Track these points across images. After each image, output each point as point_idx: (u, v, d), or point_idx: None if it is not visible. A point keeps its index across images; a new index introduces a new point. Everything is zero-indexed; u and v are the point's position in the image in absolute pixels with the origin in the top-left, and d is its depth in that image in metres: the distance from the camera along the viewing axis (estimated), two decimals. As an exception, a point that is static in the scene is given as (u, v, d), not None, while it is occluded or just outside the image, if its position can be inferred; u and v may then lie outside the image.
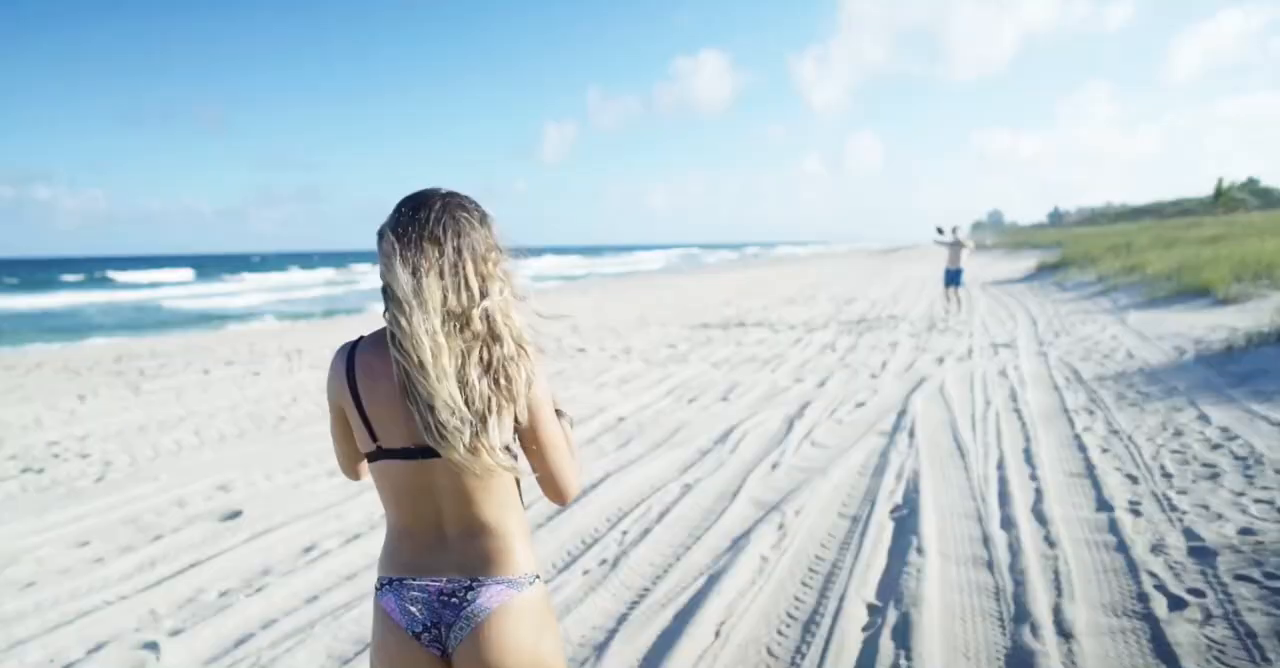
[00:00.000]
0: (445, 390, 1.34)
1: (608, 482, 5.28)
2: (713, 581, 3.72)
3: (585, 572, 3.92)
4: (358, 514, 4.92)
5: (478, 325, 1.40)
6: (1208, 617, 3.13)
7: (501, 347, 1.41)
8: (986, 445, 5.75)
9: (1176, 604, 3.25)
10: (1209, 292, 12.70)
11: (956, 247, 14.65)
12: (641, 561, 4.05)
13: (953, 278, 14.53)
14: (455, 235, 1.40)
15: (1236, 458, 5.00)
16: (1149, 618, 3.15)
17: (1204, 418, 5.99)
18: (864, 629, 3.23)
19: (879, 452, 5.79)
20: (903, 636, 3.12)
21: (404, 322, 1.34)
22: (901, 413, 6.93)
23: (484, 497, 1.45)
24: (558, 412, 1.65)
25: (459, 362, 1.38)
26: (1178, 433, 5.69)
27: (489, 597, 1.44)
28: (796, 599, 3.55)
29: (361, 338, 1.50)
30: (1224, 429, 5.64)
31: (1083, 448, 5.54)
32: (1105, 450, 5.44)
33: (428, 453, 1.40)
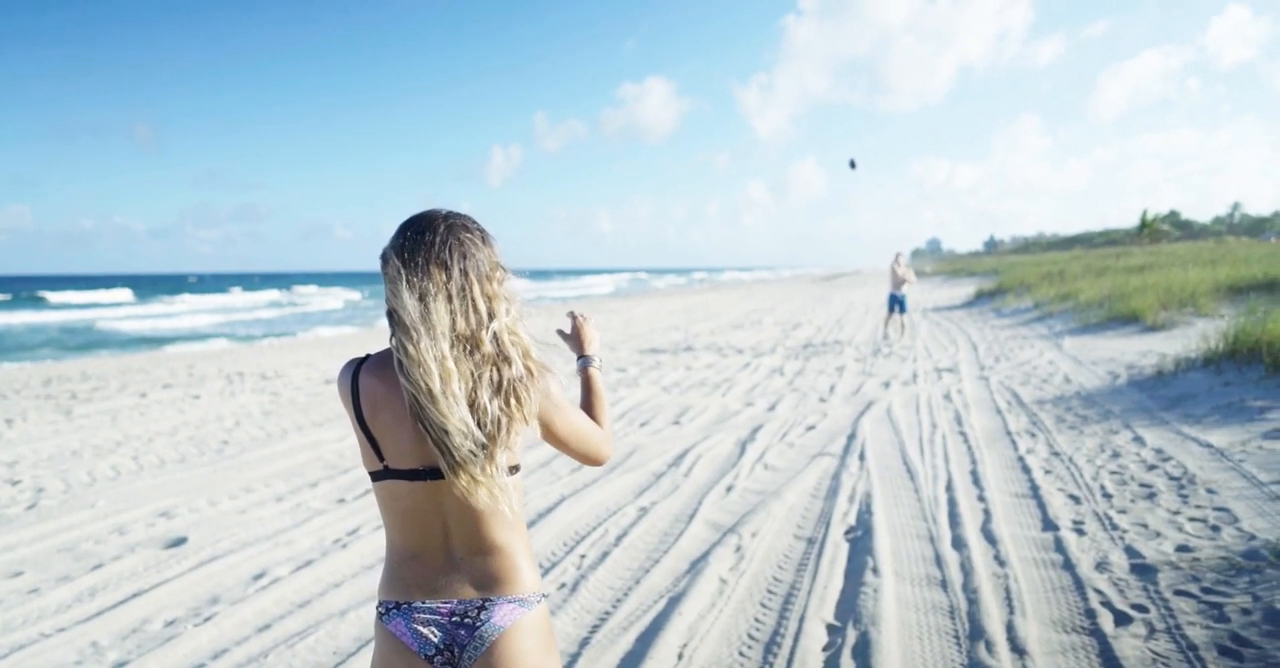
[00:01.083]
0: (457, 417, 1.35)
1: (563, 506, 5.25)
2: (673, 603, 3.73)
3: (544, 596, 3.88)
4: (308, 540, 4.81)
5: (487, 348, 1.41)
6: (1152, 631, 3.25)
7: (511, 367, 1.42)
8: (935, 468, 5.89)
9: (1122, 620, 3.36)
10: (1138, 319, 13.21)
11: (896, 274, 15.01)
12: (600, 584, 4.04)
13: (895, 303, 14.88)
14: (461, 257, 1.41)
15: (1171, 478, 5.20)
16: (1097, 634, 3.25)
17: (1139, 440, 6.22)
18: (824, 649, 3.27)
19: (831, 474, 5.88)
20: (863, 655, 3.17)
21: (411, 348, 1.34)
22: (851, 436, 7.05)
23: (491, 516, 1.46)
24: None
25: (470, 385, 1.39)
26: (1115, 454, 5.90)
27: (502, 616, 1.46)
28: (757, 621, 3.58)
29: (368, 357, 1.49)
30: (1158, 450, 5.86)
31: (1027, 469, 5.71)
32: (1048, 472, 5.61)
33: (436, 474, 1.41)
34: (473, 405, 1.39)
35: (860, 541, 4.47)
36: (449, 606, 1.46)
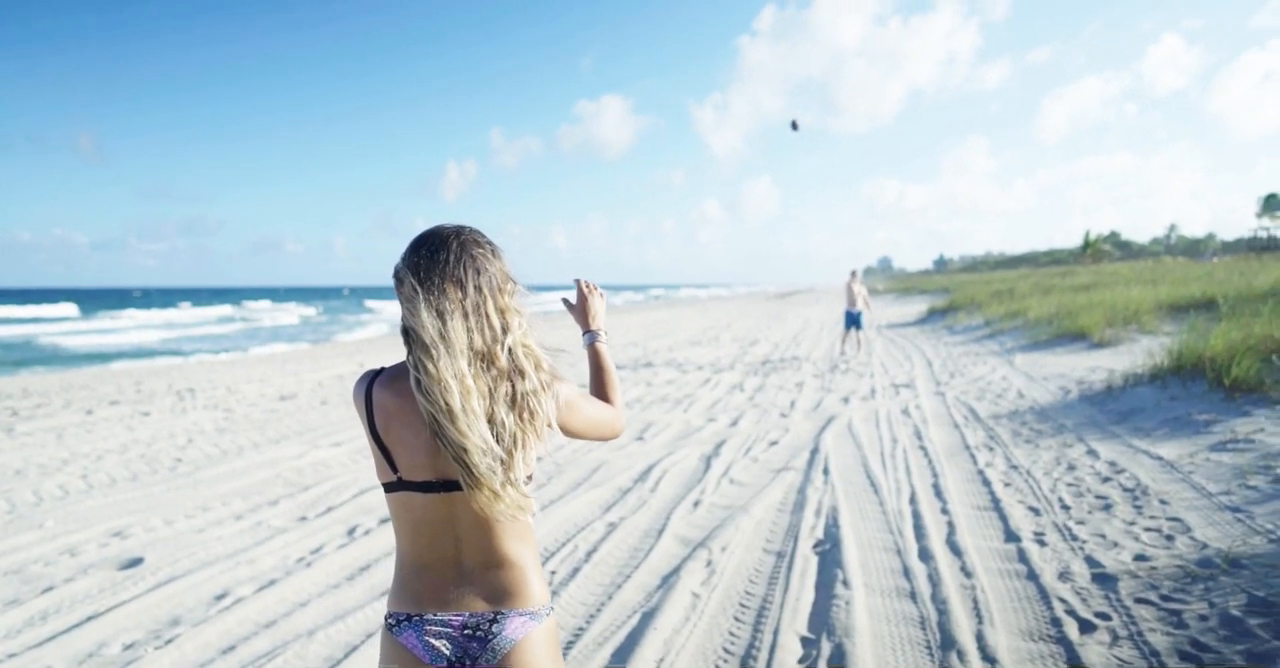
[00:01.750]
0: (477, 433, 1.37)
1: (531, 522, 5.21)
2: (647, 618, 3.72)
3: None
4: (270, 559, 4.71)
5: (502, 362, 1.43)
6: (1115, 639, 3.33)
7: (525, 381, 1.44)
8: (898, 481, 5.98)
9: (1087, 628, 3.44)
10: (1085, 336, 13.59)
11: (853, 291, 15.27)
12: (573, 600, 4.02)
13: (852, 320, 15.12)
14: (475, 273, 1.42)
15: (1125, 490, 5.36)
16: (1064, 642, 3.33)
17: (1093, 453, 6.39)
18: (800, 661, 3.30)
19: (796, 488, 5.93)
20: (838, 666, 3.20)
21: (431, 366, 1.36)
22: (814, 451, 7.12)
23: (503, 529, 1.48)
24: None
25: (487, 402, 1.41)
26: (1071, 467, 6.05)
27: (513, 629, 1.48)
28: (731, 635, 3.59)
29: (382, 370, 1.51)
30: (1111, 463, 6.03)
31: (987, 482, 5.82)
32: (1008, 485, 5.73)
33: (450, 486, 1.43)
34: (490, 420, 1.41)
35: (829, 554, 4.52)
36: (460, 618, 1.46)
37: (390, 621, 1.50)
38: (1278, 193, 56.12)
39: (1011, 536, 4.68)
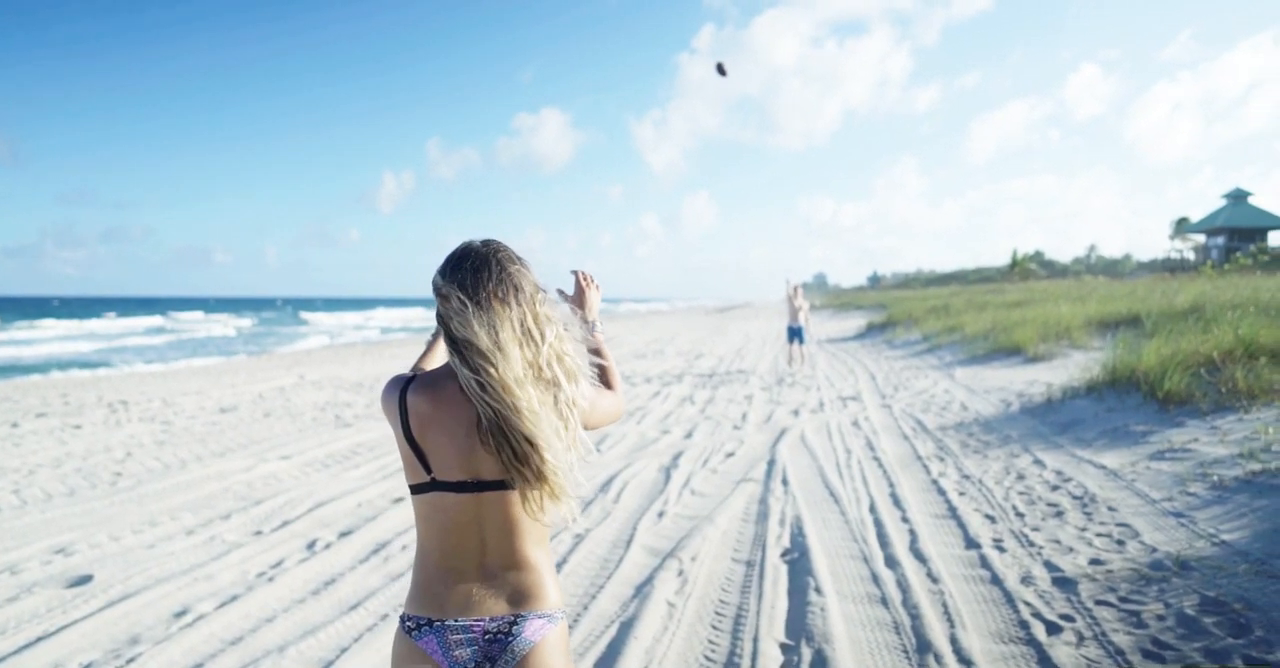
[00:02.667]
0: (546, 424, 1.44)
1: (498, 534, 5.16)
2: (625, 628, 3.73)
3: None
4: (228, 575, 4.57)
5: (546, 372, 1.51)
6: (1081, 639, 3.46)
7: (563, 391, 1.52)
8: (856, 491, 6.09)
9: (1053, 629, 3.57)
10: (1020, 350, 14.05)
11: (794, 306, 15.53)
12: (549, 611, 4.00)
13: (795, 334, 15.36)
14: (515, 289, 1.51)
15: (1074, 497, 5.56)
16: (1033, 643, 3.44)
17: (1039, 463, 6.62)
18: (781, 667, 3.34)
19: (757, 499, 6.00)
20: (821, 671, 3.25)
21: (494, 371, 1.44)
22: (771, 462, 7.22)
23: (526, 531, 1.53)
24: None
25: (544, 403, 1.48)
26: (1020, 477, 6.25)
27: (532, 631, 1.53)
28: (710, 643, 3.62)
29: (414, 377, 1.57)
30: (1058, 472, 6.25)
31: (942, 492, 5.98)
32: (962, 494, 5.90)
33: (482, 487, 1.50)
34: (548, 422, 1.48)
35: (798, 562, 4.58)
36: (482, 623, 1.50)
37: (410, 623, 1.52)
38: (1188, 217, 59.07)
39: (972, 542, 4.81)
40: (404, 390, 1.54)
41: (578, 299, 1.98)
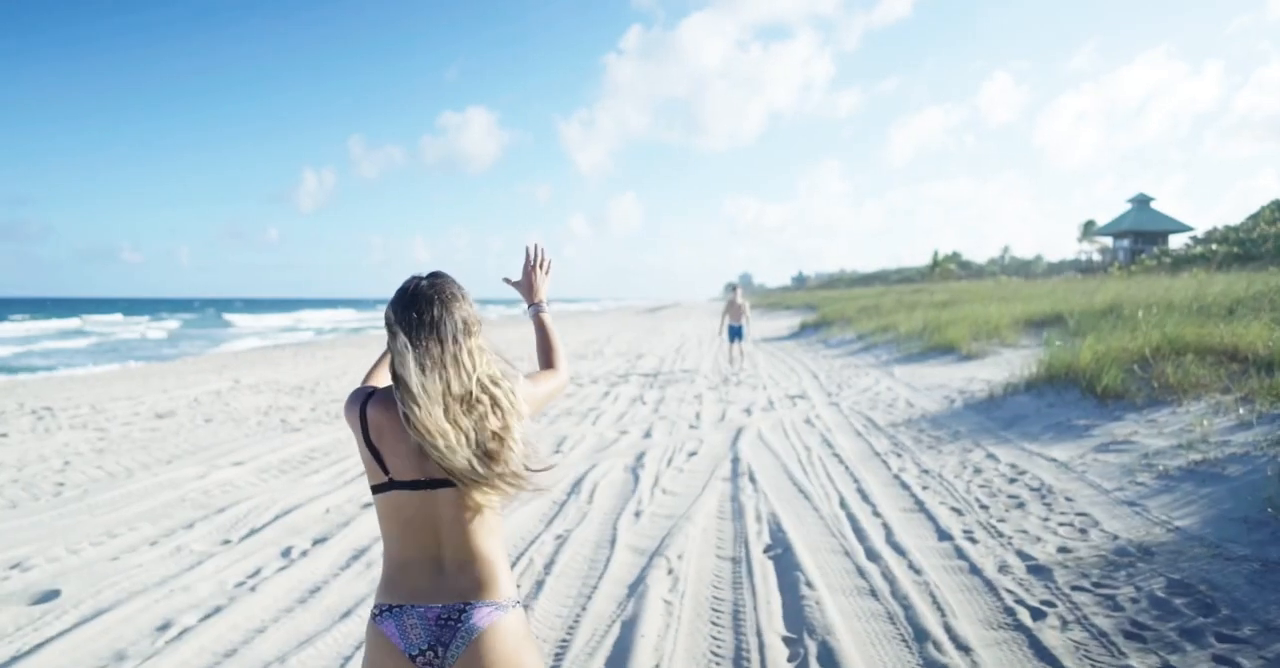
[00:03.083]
0: (461, 458, 1.62)
1: (478, 537, 5.13)
2: (628, 627, 3.76)
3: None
4: (206, 586, 4.43)
5: (477, 398, 1.68)
6: (1065, 623, 3.65)
7: (497, 414, 1.70)
8: (824, 487, 6.26)
9: (1038, 615, 3.75)
10: (954, 349, 14.57)
11: (736, 305, 15.77)
12: (546, 612, 4.01)
13: (735, 333, 15.59)
14: (453, 326, 1.69)
15: (1032, 489, 5.83)
16: (1022, 628, 3.61)
17: (993, 457, 6.91)
18: (790, 660, 3.43)
19: (729, 497, 6.11)
20: (829, 662, 3.35)
21: (417, 410, 1.60)
22: (735, 460, 7.34)
23: (477, 527, 1.69)
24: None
25: (470, 436, 1.65)
26: (978, 470, 6.52)
27: (480, 618, 1.65)
28: (714, 639, 3.68)
29: (374, 392, 1.75)
30: (1013, 465, 6.54)
31: (906, 486, 6.19)
32: (925, 488, 6.11)
33: (435, 485, 1.66)
34: (472, 449, 1.65)
35: (782, 558, 4.69)
36: (435, 610, 1.65)
37: (375, 611, 1.69)
38: (1094, 220, 61.97)
39: (944, 535, 5.00)
40: (364, 404, 1.72)
41: (527, 283, 2.21)
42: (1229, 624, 3.51)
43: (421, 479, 1.65)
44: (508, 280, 2.25)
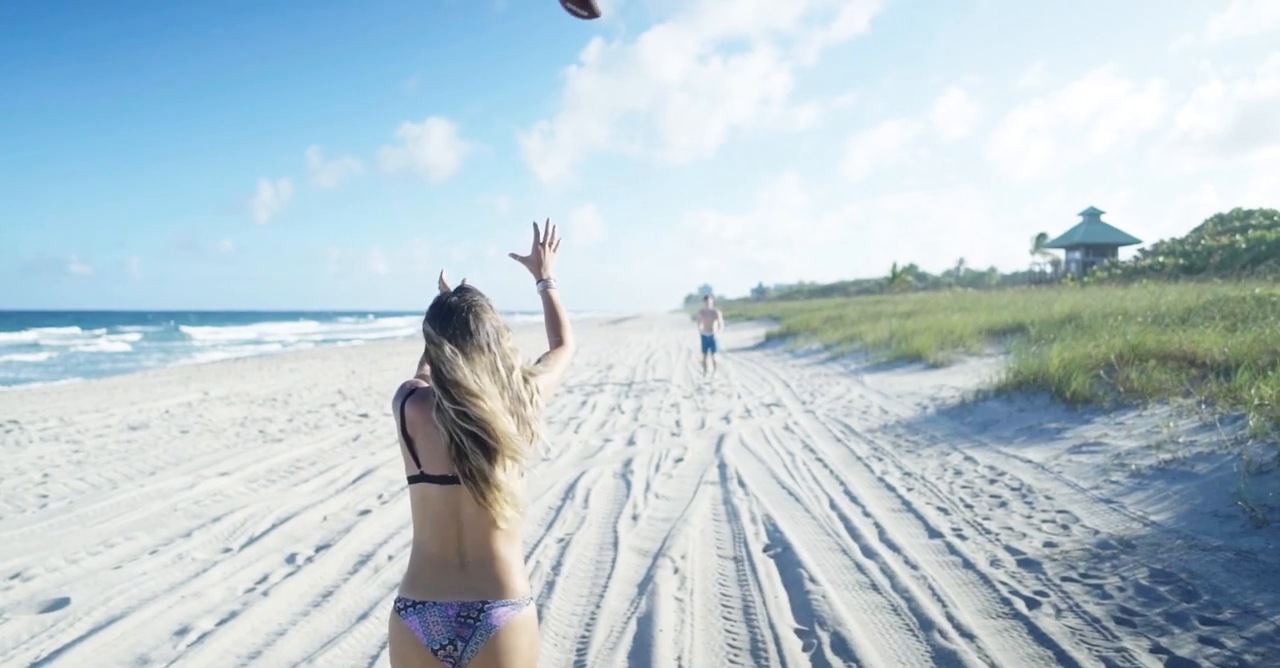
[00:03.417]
0: (518, 441, 1.76)
1: (482, 541, 5.22)
2: (644, 623, 3.89)
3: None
4: (217, 592, 4.46)
5: (518, 394, 1.83)
6: (1059, 611, 3.86)
7: (527, 408, 1.84)
8: (812, 490, 6.44)
9: (1032, 604, 3.95)
10: (921, 357, 14.92)
11: (710, 315, 16.01)
12: (562, 612, 4.12)
13: (708, 343, 15.81)
14: (488, 335, 1.82)
15: (1013, 489, 6.07)
16: (1020, 617, 3.81)
17: (971, 460, 7.16)
18: (805, 650, 3.58)
19: (721, 500, 6.26)
20: (843, 652, 3.51)
21: (482, 405, 1.73)
22: (722, 465, 7.50)
23: (496, 528, 1.79)
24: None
25: (518, 421, 1.81)
26: (958, 472, 6.75)
27: (497, 617, 1.78)
28: (729, 632, 3.82)
29: (414, 390, 1.88)
30: (991, 467, 6.79)
31: (891, 488, 6.40)
32: (910, 489, 6.33)
33: (460, 480, 1.76)
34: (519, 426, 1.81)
35: (783, 556, 4.85)
36: (454, 607, 1.77)
37: (399, 604, 1.80)
38: (1046, 232, 63.66)
39: (934, 532, 5.21)
40: (405, 399, 1.87)
41: (535, 259, 2.30)
42: (1210, 608, 3.74)
43: (449, 475, 1.77)
44: (515, 256, 2.34)
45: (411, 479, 1.83)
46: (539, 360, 2.06)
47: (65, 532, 5.71)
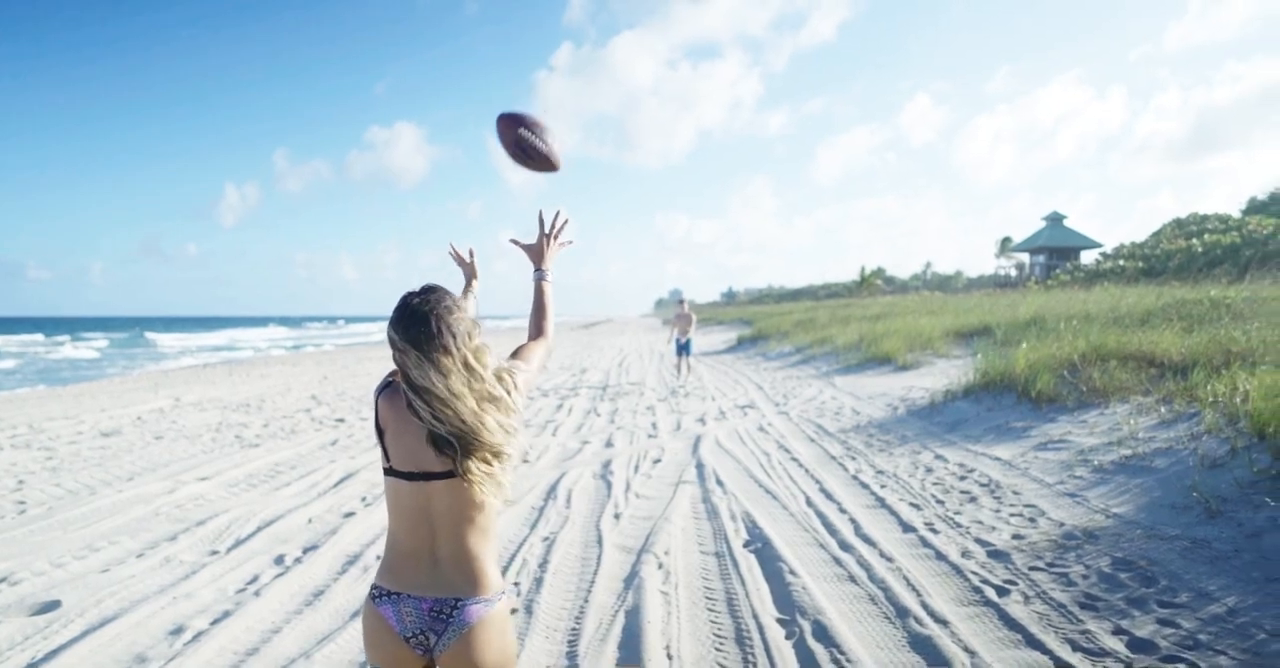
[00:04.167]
0: (499, 437, 1.79)
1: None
2: (632, 615, 4.02)
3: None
4: (208, 593, 4.51)
5: (492, 390, 1.82)
6: (1027, 598, 4.05)
7: (502, 400, 1.83)
8: (789, 488, 6.61)
9: (1002, 592, 4.14)
10: (891, 360, 15.21)
11: (685, 319, 16.21)
12: (552, 606, 4.23)
13: (683, 348, 15.99)
14: (454, 337, 1.78)
15: (982, 485, 6.29)
16: (990, 604, 4.00)
17: (941, 458, 7.38)
18: (788, 638, 3.73)
19: (700, 499, 6.41)
20: (825, 639, 3.67)
21: (459, 406, 1.75)
22: (699, 465, 7.65)
23: (470, 523, 1.84)
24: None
25: (494, 418, 1.81)
26: (929, 470, 6.96)
27: (470, 613, 1.84)
28: (714, 622, 3.97)
29: (389, 385, 1.91)
30: (961, 465, 7.01)
31: (865, 486, 6.59)
32: (884, 487, 6.52)
33: (428, 477, 1.82)
34: (491, 431, 1.82)
35: (763, 551, 5.01)
36: (428, 602, 1.83)
37: (375, 592, 1.86)
38: (1011, 236, 64.84)
39: (908, 527, 5.39)
40: (380, 392, 1.91)
41: (538, 248, 2.30)
42: (1168, 593, 3.96)
43: (415, 472, 1.81)
44: (516, 242, 2.31)
45: (385, 472, 1.89)
46: (514, 353, 2.08)
47: (47, 537, 5.71)
